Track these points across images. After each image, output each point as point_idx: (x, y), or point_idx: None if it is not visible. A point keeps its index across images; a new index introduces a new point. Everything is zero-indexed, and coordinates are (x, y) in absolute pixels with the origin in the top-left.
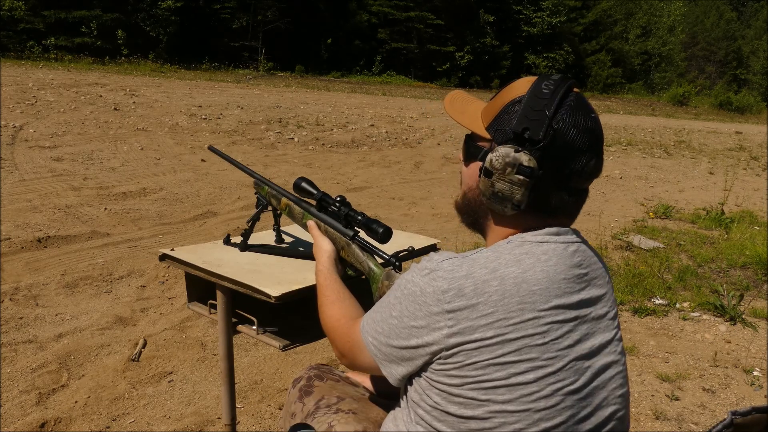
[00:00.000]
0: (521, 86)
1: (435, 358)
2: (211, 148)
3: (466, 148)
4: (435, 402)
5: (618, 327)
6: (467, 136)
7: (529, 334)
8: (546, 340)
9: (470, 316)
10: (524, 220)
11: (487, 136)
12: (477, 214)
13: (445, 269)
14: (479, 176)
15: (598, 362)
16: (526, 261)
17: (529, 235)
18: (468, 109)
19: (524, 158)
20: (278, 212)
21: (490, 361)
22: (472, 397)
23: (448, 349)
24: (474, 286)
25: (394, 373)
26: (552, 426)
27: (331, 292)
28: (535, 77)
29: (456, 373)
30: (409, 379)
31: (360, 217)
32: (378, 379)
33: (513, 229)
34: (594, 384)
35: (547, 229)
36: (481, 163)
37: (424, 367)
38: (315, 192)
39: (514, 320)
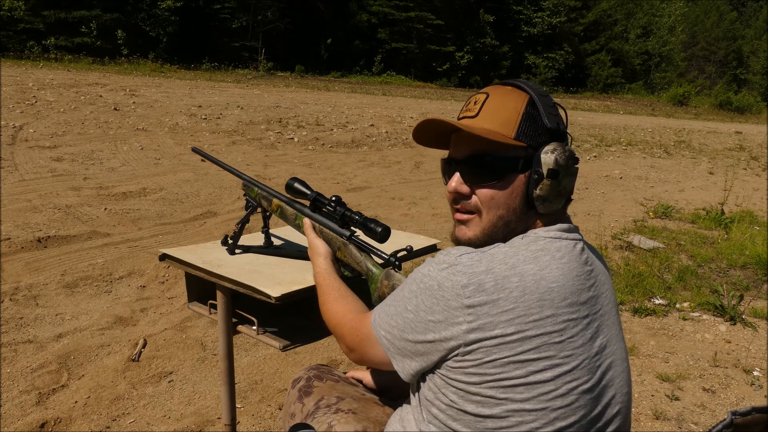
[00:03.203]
0: (513, 94)
1: (451, 355)
2: (195, 150)
3: (494, 165)
4: (451, 400)
5: (620, 323)
6: (482, 155)
7: (548, 331)
8: (563, 338)
9: (491, 311)
10: (559, 212)
11: (520, 144)
12: (514, 233)
13: (465, 264)
14: (542, 181)
15: (606, 360)
16: (543, 258)
17: (542, 231)
18: (476, 127)
19: (572, 148)
20: (268, 214)
21: (510, 359)
22: (490, 396)
23: (467, 344)
24: (495, 282)
25: (407, 368)
26: (567, 425)
27: (333, 290)
28: (507, 87)
29: (474, 370)
30: (422, 377)
31: (357, 217)
32: (378, 376)
33: (537, 225)
34: (603, 382)
35: (558, 226)
36: (522, 175)
37: (438, 364)
38: (309, 192)
39: (534, 317)
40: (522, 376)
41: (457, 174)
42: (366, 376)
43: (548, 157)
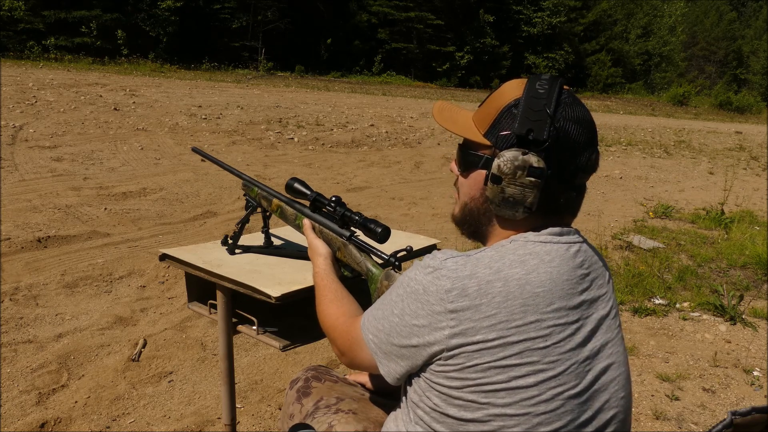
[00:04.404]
0: (512, 90)
1: (435, 359)
2: (195, 150)
3: (463, 157)
4: (434, 404)
5: (619, 327)
6: (462, 145)
7: (531, 337)
8: (548, 343)
9: (473, 317)
10: (532, 221)
11: (486, 142)
12: (479, 223)
13: (449, 268)
14: (485, 184)
15: (599, 364)
16: (530, 262)
17: (531, 235)
18: (458, 118)
19: (533, 160)
20: (268, 214)
21: (491, 364)
22: (471, 400)
23: (449, 349)
24: (478, 287)
25: (392, 371)
26: (551, 430)
27: (329, 291)
28: (524, 80)
29: (456, 375)
30: (408, 379)
31: (357, 217)
32: (378, 379)
33: (517, 231)
34: (595, 387)
35: (550, 229)
36: (483, 171)
37: (423, 367)
38: (308, 192)
39: (517, 323)
40: (504, 381)
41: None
42: (367, 381)
43: (495, 161)
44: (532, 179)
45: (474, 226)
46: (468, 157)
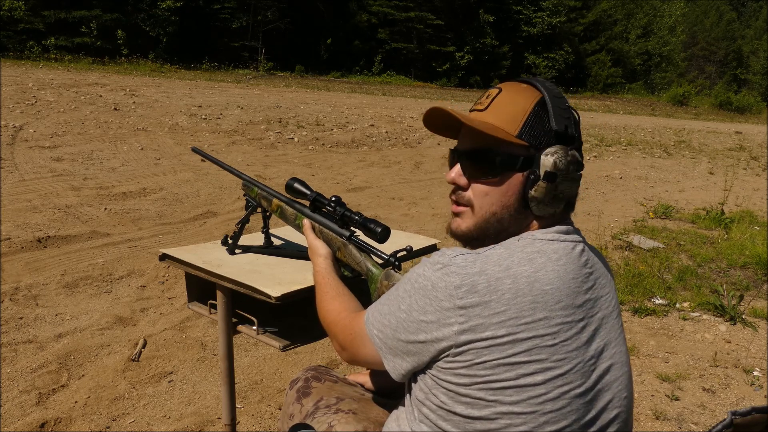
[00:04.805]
0: (527, 90)
1: (442, 356)
2: (195, 150)
3: (491, 162)
4: (441, 401)
5: (621, 327)
6: (484, 150)
7: (539, 334)
8: (556, 341)
9: (482, 313)
10: (561, 215)
11: (522, 143)
12: (507, 232)
13: (458, 264)
14: (531, 184)
15: (603, 364)
16: (538, 260)
17: (539, 233)
18: (479, 121)
19: (577, 154)
20: (268, 214)
21: (500, 361)
22: (479, 398)
23: (458, 346)
24: (487, 283)
25: (397, 367)
26: (557, 429)
27: (330, 288)
28: (522, 83)
29: (464, 372)
30: (413, 377)
31: (357, 217)
32: (378, 379)
33: (549, 226)
34: (599, 386)
35: (557, 227)
36: (520, 174)
37: (429, 364)
38: (308, 192)
39: (526, 319)
40: (512, 378)
41: (458, 165)
42: (367, 381)
43: (548, 159)
44: (580, 173)
45: (499, 236)
46: (500, 161)
